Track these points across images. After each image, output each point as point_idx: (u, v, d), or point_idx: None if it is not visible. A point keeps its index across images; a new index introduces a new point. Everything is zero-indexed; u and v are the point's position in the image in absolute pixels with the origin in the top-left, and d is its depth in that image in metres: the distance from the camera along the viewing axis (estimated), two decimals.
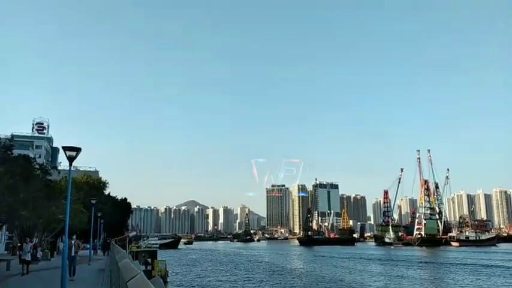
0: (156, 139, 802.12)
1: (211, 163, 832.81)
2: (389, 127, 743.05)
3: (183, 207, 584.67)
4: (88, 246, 45.82)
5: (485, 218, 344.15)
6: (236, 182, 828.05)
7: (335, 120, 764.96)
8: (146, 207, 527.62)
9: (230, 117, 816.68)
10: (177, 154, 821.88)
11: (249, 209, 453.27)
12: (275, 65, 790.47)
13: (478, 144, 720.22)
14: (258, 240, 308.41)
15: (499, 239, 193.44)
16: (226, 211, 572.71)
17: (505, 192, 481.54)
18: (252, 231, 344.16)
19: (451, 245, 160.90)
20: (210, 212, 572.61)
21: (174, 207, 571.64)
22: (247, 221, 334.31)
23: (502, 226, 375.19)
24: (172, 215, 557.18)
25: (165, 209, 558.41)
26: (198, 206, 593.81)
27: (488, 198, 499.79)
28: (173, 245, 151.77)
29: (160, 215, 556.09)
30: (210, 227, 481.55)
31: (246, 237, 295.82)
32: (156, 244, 78.18)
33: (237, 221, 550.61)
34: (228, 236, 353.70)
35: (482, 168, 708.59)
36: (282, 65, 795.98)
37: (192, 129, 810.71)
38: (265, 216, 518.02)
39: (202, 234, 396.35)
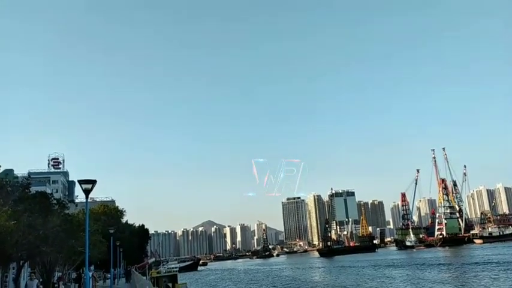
0: (167, 163, 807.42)
1: (224, 182, 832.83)
2: (401, 128, 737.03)
3: (200, 228, 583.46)
4: (109, 276, 46.28)
5: (507, 212, 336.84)
6: (251, 199, 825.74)
7: (347, 127, 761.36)
8: (164, 231, 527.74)
9: (239, 134, 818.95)
10: (190, 176, 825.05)
11: (265, 225, 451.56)
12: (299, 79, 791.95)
13: (493, 137, 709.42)
14: (277, 255, 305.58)
15: None
16: (243, 228, 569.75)
17: None
18: (270, 247, 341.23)
19: (474, 242, 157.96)
20: (227, 230, 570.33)
21: (191, 229, 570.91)
22: (265, 237, 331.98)
23: None
24: (190, 237, 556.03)
25: (183, 231, 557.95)
26: (215, 226, 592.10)
27: (509, 191, 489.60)
28: (193, 267, 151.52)
29: (178, 238, 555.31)
30: (228, 246, 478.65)
31: (264, 253, 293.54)
32: (175, 268, 78.30)
33: (255, 237, 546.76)
34: (247, 254, 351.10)
35: (500, 162, 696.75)
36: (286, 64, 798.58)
37: (201, 149, 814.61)
38: (282, 230, 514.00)
39: (220, 254, 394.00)
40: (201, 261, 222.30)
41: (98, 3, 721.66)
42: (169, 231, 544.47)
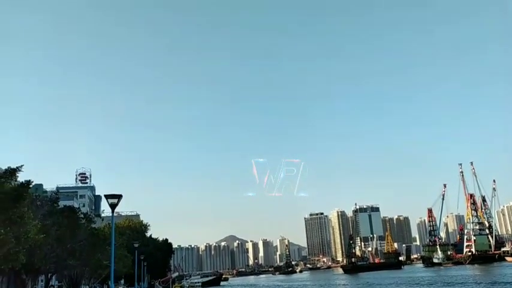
0: (190, 177, 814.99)
1: (247, 197, 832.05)
2: (428, 141, 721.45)
3: (222, 243, 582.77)
4: None
5: None
6: (273, 213, 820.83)
7: (372, 141, 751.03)
8: (187, 246, 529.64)
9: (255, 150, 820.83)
10: (213, 190, 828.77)
11: (288, 240, 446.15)
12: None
13: None
14: (300, 271, 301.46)
15: None
16: (266, 244, 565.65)
17: None
18: (293, 263, 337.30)
19: (505, 260, 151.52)
20: (249, 245, 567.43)
21: (214, 244, 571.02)
22: (287, 253, 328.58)
23: None
24: (212, 252, 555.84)
25: (205, 246, 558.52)
26: (237, 241, 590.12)
27: None
28: (215, 282, 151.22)
29: (201, 253, 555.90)
30: (251, 261, 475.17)
31: (287, 269, 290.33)
32: (198, 282, 78.60)
33: (277, 253, 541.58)
34: (270, 269, 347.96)
35: None
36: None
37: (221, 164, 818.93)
38: (305, 246, 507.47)
39: (243, 269, 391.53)
40: (223, 276, 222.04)
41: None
42: (193, 246, 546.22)
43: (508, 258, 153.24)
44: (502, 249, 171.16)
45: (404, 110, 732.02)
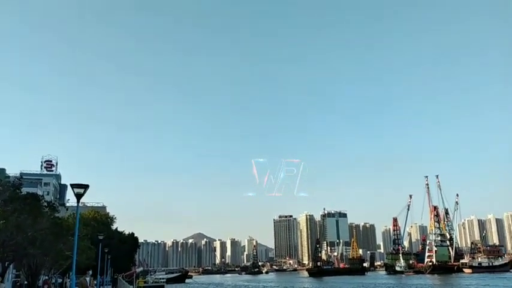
0: (162, 172, 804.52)
1: (217, 195, 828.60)
2: (397, 152, 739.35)
3: (190, 241, 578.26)
4: (95, 282, 45.86)
5: (497, 243, 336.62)
6: (243, 213, 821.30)
7: (343, 148, 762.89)
8: (153, 241, 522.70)
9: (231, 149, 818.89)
10: (184, 186, 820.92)
11: (256, 241, 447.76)
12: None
13: (487, 168, 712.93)
14: (267, 272, 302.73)
15: None
16: (234, 243, 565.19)
17: None
18: (260, 263, 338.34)
19: (463, 271, 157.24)
20: (217, 244, 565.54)
21: (181, 241, 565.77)
22: (255, 253, 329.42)
23: None
24: (179, 249, 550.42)
25: (173, 242, 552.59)
26: (205, 239, 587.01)
27: (499, 223, 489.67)
28: (180, 279, 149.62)
29: (167, 249, 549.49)
30: (218, 260, 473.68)
31: (254, 269, 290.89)
32: (163, 279, 77.50)
33: (245, 253, 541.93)
34: (236, 269, 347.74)
35: (493, 193, 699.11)
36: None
37: (196, 160, 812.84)
38: (273, 247, 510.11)
39: (209, 268, 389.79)
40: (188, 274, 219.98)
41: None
42: (159, 242, 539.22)
43: (465, 270, 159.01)
44: (461, 261, 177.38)
45: (379, 120, 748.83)
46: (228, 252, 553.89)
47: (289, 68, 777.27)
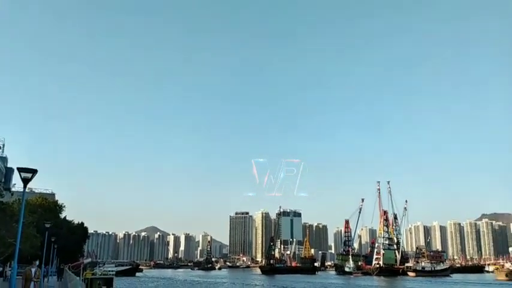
0: (115, 160, 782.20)
1: (174, 189, 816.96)
2: (353, 156, 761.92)
3: (142, 234, 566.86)
4: (41, 272, 43.78)
5: (440, 249, 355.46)
6: (199, 208, 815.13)
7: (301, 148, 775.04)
8: (104, 232, 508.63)
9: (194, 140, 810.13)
10: (137, 177, 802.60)
11: (211, 237, 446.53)
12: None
13: (434, 177, 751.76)
14: (220, 268, 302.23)
15: (453, 269, 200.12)
16: (188, 238, 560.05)
17: (459, 224, 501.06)
18: (213, 259, 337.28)
19: (407, 275, 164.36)
20: (171, 238, 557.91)
21: (134, 233, 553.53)
22: (209, 249, 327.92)
23: (455, 257, 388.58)
24: (131, 241, 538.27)
25: (124, 234, 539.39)
26: (158, 233, 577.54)
27: (443, 229, 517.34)
28: (131, 272, 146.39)
29: (118, 241, 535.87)
30: (170, 254, 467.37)
31: (207, 265, 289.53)
32: (112, 271, 75.21)
33: (199, 248, 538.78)
34: (189, 264, 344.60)
35: (439, 201, 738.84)
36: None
37: (154, 150, 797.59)
38: (227, 243, 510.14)
39: (161, 262, 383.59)
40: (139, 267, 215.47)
41: None
42: (110, 233, 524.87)
43: (410, 273, 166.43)
44: (406, 264, 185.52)
45: (341, 122, 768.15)
46: (182, 247, 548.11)
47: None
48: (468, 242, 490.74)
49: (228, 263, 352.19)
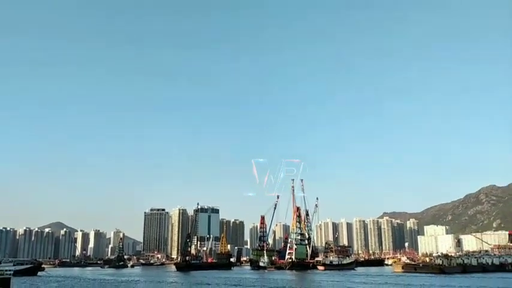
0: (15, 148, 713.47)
1: (82, 183, 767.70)
2: (268, 150, 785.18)
3: (46, 229, 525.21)
4: None
5: (346, 244, 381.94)
6: (110, 204, 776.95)
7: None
8: (0, 228, 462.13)
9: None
10: (40, 167, 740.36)
11: (123, 234, 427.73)
12: None
13: (343, 177, 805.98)
14: (132, 266, 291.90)
15: (357, 263, 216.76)
16: (98, 235, 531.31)
17: (363, 221, 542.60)
18: (126, 257, 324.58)
19: (317, 268, 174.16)
20: (79, 235, 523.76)
21: (36, 229, 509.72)
22: (121, 246, 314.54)
23: (360, 252, 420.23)
24: (33, 238, 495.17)
25: (25, 230, 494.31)
26: (65, 229, 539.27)
27: (349, 226, 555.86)
28: (31, 271, 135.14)
29: (18, 238, 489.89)
30: (78, 252, 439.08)
31: (118, 263, 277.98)
32: (9, 271, 68.63)
33: (110, 245, 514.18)
34: (99, 262, 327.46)
35: (347, 199, 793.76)
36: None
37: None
38: (141, 240, 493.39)
39: (68, 260, 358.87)
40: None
41: None
42: (8, 228, 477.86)
43: (319, 267, 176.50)
44: (316, 259, 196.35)
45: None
46: (91, 244, 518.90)
47: None
48: (371, 237, 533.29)
49: (141, 261, 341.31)
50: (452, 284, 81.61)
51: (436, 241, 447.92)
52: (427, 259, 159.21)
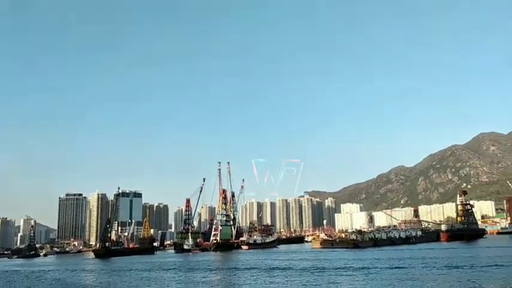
0: None
1: None
2: (197, 135, 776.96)
3: None
4: None
5: (269, 223, 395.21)
6: (19, 189, 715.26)
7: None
8: None
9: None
10: None
11: (35, 221, 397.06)
12: None
13: (272, 156, 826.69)
14: (45, 255, 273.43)
15: (280, 241, 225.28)
16: (5, 223, 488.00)
17: (286, 200, 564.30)
18: (38, 245, 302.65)
19: (241, 248, 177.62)
20: None
21: None
22: (32, 234, 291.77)
23: (282, 230, 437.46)
24: None
25: None
26: None
27: (273, 205, 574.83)
28: None
29: None
30: None
31: (29, 252, 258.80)
32: None
33: (19, 234, 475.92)
34: (6, 252, 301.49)
35: (270, 179, 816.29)
36: None
37: None
38: (56, 228, 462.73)
39: None
40: None
41: None
42: None
43: (243, 247, 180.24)
44: (240, 238, 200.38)
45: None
46: None
47: None
48: (293, 216, 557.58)
49: (55, 249, 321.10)
50: (364, 256, 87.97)
51: (351, 218, 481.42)
52: (343, 235, 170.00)
